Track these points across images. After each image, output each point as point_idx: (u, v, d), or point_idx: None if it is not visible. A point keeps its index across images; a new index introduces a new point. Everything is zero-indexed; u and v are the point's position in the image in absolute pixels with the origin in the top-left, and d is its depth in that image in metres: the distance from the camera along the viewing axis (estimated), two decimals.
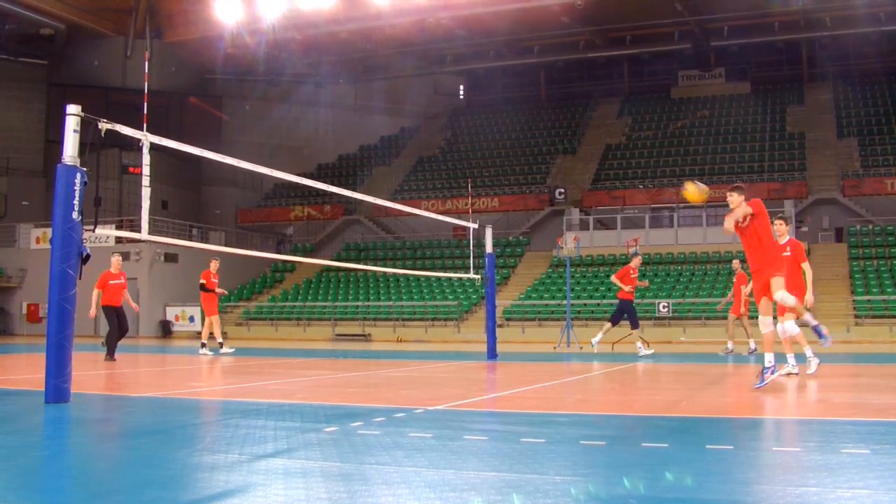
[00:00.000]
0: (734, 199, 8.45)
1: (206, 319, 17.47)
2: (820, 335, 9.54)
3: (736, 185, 8.82)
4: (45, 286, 7.31)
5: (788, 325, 9.27)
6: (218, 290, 17.57)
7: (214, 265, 17.48)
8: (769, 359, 8.06)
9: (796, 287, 9.58)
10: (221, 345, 17.20)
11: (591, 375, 11.16)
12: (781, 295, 8.09)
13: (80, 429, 6.01)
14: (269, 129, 45.32)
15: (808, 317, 10.18)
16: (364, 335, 29.97)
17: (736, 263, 18.08)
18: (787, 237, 10.52)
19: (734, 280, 17.77)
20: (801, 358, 9.95)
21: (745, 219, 8.24)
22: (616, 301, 17.84)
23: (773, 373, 8.05)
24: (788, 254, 10.18)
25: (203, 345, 17.08)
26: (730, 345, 17.23)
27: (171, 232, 33.34)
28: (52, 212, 7.17)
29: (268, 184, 44.01)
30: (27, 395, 8.22)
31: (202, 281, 17.45)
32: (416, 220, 37.13)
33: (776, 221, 10.23)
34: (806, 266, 10.10)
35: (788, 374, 9.37)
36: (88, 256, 7.25)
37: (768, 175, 35.93)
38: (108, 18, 39.03)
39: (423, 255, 36.27)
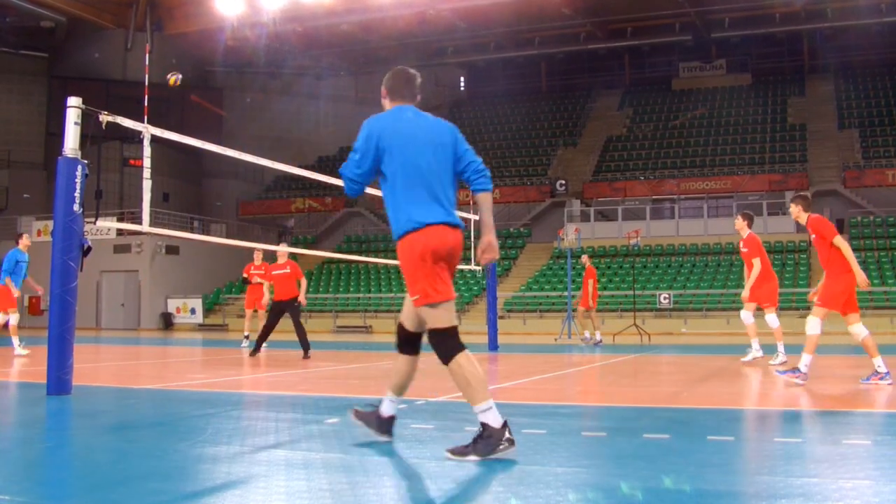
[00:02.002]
0: (793, 209, 8.48)
1: (249, 312, 17.08)
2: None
3: (799, 195, 8.63)
4: (47, 279, 7.31)
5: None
6: (255, 280, 16.82)
7: (258, 256, 17.05)
8: (878, 362, 7.91)
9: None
10: (247, 338, 16.71)
11: (592, 367, 11.17)
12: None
13: (82, 421, 6.02)
14: (270, 122, 45.27)
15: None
16: (365, 327, 29.99)
17: (585, 258, 18.50)
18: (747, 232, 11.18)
19: (584, 275, 18.22)
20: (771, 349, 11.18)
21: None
22: None
23: (881, 379, 7.81)
24: (745, 250, 11.15)
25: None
26: (587, 334, 17.68)
27: (172, 224, 33.35)
28: (54, 204, 7.17)
29: (269, 176, 43.99)
30: (29, 388, 8.24)
31: (244, 275, 17.13)
32: None
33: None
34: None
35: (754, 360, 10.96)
36: (90, 249, 7.25)
37: (769, 167, 35.89)
38: (108, 11, 38.98)
39: None
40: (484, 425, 4.13)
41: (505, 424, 4.13)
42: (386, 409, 4.63)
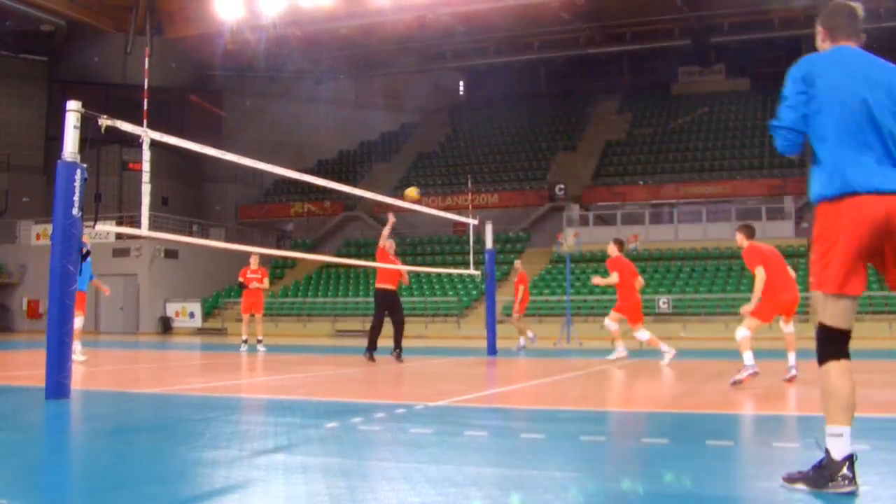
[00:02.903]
0: (738, 237, 9.26)
1: (247, 317, 17.00)
2: None
3: (744, 224, 9.48)
4: (46, 282, 7.30)
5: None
6: (253, 285, 16.77)
7: (254, 260, 16.99)
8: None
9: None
10: (245, 342, 16.70)
11: (590, 371, 11.16)
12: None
13: (81, 425, 6.02)
14: (270, 125, 45.30)
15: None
16: (364, 331, 29.96)
17: (518, 264, 18.88)
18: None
19: (516, 280, 18.57)
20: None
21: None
22: None
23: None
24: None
25: (259, 340, 16.58)
26: (522, 340, 17.77)
27: (171, 228, 33.35)
28: (53, 208, 7.16)
29: (268, 180, 44.01)
30: (28, 392, 8.23)
31: (240, 280, 17.06)
32: (416, 216, 37.05)
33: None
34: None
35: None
36: (88, 252, 7.25)
37: (768, 171, 35.91)
38: (108, 15, 39.00)
39: (424, 252, 36.26)
40: (826, 452, 3.50)
41: (849, 459, 3.45)
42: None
